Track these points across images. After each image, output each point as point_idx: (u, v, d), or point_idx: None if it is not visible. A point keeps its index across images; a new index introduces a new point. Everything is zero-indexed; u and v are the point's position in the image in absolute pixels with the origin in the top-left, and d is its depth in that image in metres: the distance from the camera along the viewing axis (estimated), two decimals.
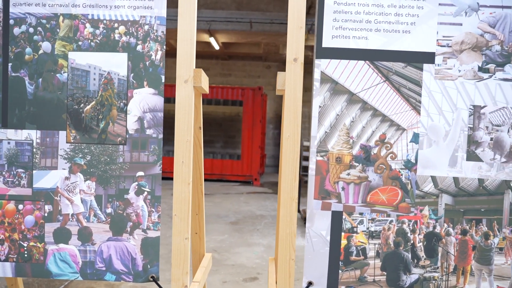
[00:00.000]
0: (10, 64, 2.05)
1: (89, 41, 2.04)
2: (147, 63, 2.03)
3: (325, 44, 1.98)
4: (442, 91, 1.97)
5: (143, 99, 2.04)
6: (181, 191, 1.98)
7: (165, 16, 2.04)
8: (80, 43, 2.04)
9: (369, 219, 2.01)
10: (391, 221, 2.01)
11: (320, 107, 2.00)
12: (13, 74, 2.05)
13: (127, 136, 2.05)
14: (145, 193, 2.06)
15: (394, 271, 2.01)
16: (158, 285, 2.05)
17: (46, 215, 2.06)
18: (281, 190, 1.96)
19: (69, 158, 2.05)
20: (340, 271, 2.01)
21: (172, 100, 3.06)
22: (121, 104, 2.04)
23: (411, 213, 2.00)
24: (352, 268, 2.01)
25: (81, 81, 2.04)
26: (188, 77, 1.97)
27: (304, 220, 6.19)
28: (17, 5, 2.04)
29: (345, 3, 1.97)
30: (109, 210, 2.06)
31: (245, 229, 6.01)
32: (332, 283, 2.01)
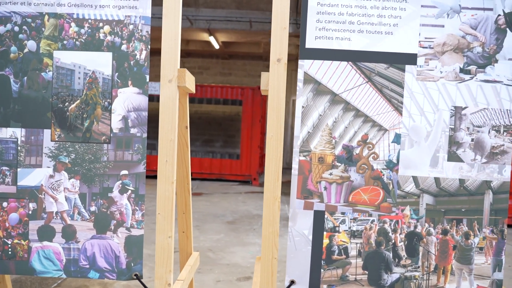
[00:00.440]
0: None
1: (74, 40, 2.05)
2: (131, 62, 2.05)
3: (308, 44, 1.99)
4: (424, 92, 1.98)
5: (128, 98, 2.06)
6: (164, 189, 2.00)
7: (150, 16, 2.05)
8: (65, 42, 2.05)
9: (351, 219, 2.02)
10: (373, 220, 2.02)
11: (303, 107, 2.01)
12: None
13: (111, 135, 2.06)
14: (129, 191, 2.07)
15: (375, 270, 2.02)
16: (142, 283, 2.07)
17: (30, 212, 2.08)
18: (264, 189, 1.97)
19: (53, 156, 2.07)
20: (322, 270, 2.02)
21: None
22: (106, 103, 2.06)
23: (392, 212, 2.01)
24: (334, 267, 2.03)
25: (66, 80, 2.05)
26: (172, 77, 1.98)
27: None
28: (2, 3, 2.05)
29: (328, 4, 1.98)
30: (93, 208, 2.08)
31: (241, 229, 6.02)
32: (314, 282, 2.02)
